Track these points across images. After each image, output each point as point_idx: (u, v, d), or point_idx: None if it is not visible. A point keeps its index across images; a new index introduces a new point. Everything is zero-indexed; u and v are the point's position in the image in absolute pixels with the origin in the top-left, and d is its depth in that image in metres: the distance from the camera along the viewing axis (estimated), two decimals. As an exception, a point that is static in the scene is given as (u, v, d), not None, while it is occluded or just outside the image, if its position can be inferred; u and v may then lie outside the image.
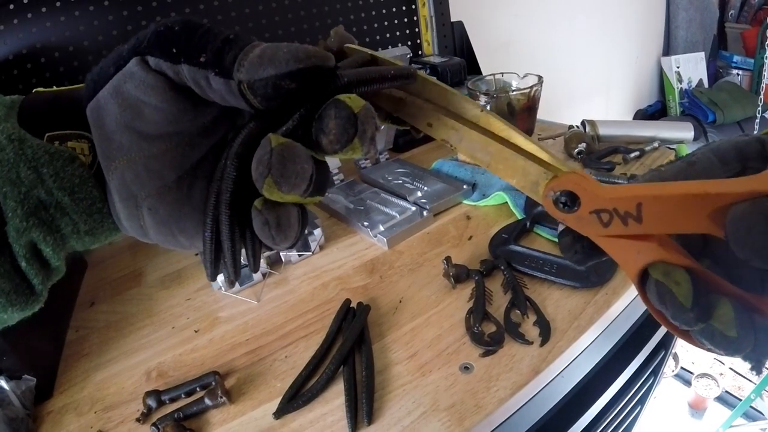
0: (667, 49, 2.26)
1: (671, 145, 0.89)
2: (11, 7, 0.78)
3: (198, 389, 0.49)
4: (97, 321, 0.64)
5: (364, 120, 0.20)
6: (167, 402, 0.49)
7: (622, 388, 0.65)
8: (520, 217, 0.69)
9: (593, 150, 0.86)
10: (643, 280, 0.20)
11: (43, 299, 0.24)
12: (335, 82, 0.21)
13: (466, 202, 0.77)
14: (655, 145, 0.85)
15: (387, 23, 1.18)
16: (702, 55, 2.21)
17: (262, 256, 0.67)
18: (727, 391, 1.53)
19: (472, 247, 0.66)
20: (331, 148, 0.21)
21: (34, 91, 0.24)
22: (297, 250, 0.69)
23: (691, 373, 1.55)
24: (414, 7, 1.21)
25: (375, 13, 1.16)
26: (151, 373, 0.54)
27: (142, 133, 0.22)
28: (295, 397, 0.46)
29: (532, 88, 0.86)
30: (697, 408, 1.53)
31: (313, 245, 0.70)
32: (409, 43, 1.23)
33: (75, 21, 0.83)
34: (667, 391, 1.59)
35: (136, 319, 0.63)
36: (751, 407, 1.41)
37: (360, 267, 0.66)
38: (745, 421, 1.45)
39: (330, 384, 0.47)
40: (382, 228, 0.71)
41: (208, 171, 0.24)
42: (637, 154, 0.82)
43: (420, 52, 1.26)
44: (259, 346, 0.55)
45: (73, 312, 0.67)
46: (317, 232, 0.70)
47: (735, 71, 2.25)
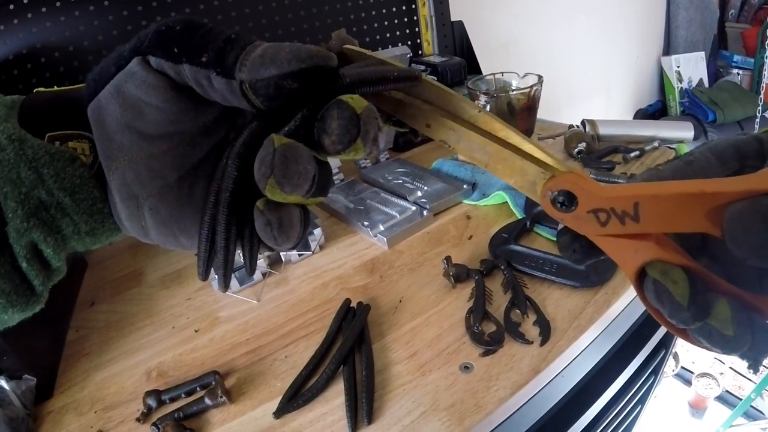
0: (668, 49, 2.26)
1: (671, 145, 0.88)
2: (11, 7, 0.78)
3: (198, 389, 0.49)
4: (98, 321, 0.64)
5: (367, 120, 0.20)
6: (167, 402, 0.49)
7: (622, 388, 0.65)
8: (520, 217, 0.69)
9: (593, 149, 0.86)
10: (640, 279, 0.20)
11: (43, 300, 0.24)
12: (337, 82, 0.21)
13: (466, 202, 0.77)
14: (655, 144, 0.85)
15: (387, 23, 1.18)
16: (702, 54, 2.22)
17: (263, 256, 0.67)
18: (727, 391, 1.52)
19: (472, 246, 0.66)
20: (333, 148, 0.21)
21: (35, 91, 0.24)
22: (297, 250, 0.69)
23: (692, 372, 1.55)
24: (414, 6, 1.21)
25: (375, 12, 1.16)
26: (151, 373, 0.54)
27: (143, 132, 0.22)
28: (295, 397, 0.46)
29: (532, 87, 0.86)
30: (697, 407, 1.53)
31: (313, 245, 0.70)
32: (409, 42, 1.23)
33: (75, 21, 0.83)
34: (667, 391, 1.59)
35: (136, 319, 0.63)
36: (752, 407, 1.41)
37: (360, 267, 0.66)
38: (745, 420, 1.45)
39: (330, 383, 0.47)
40: (382, 227, 0.71)
41: (210, 171, 0.23)
42: (637, 153, 0.82)
43: (420, 52, 1.26)
44: (259, 346, 0.55)
45: (73, 312, 0.67)
46: (317, 231, 0.70)
47: (735, 71, 2.25)
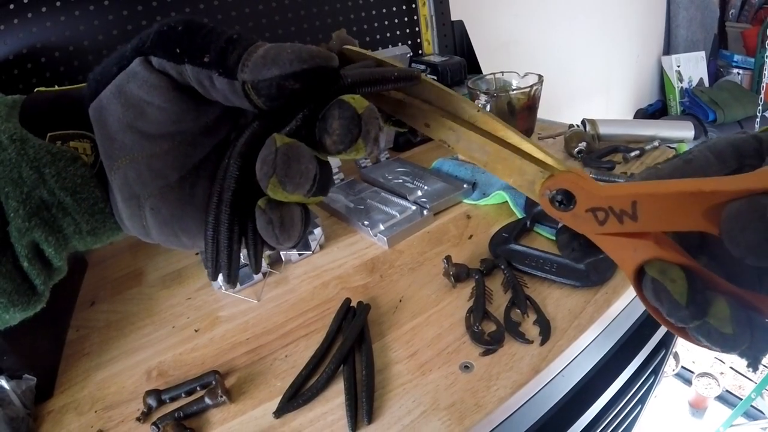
0: (668, 49, 2.26)
1: (672, 144, 0.89)
2: (11, 6, 0.78)
3: (198, 388, 0.49)
4: (98, 320, 0.64)
5: (368, 120, 0.20)
6: (167, 401, 0.49)
7: (622, 387, 0.65)
8: (520, 216, 0.69)
9: (593, 149, 0.86)
10: (639, 278, 0.20)
11: (45, 299, 0.24)
12: (339, 82, 0.21)
13: (466, 201, 0.77)
14: (656, 144, 0.85)
15: (387, 22, 1.18)
16: (702, 54, 2.22)
17: (263, 255, 0.67)
18: (727, 390, 1.52)
19: (473, 246, 0.66)
20: (334, 148, 0.21)
21: (36, 90, 0.24)
22: (297, 250, 0.69)
23: (692, 372, 1.55)
24: (414, 6, 1.21)
25: (375, 12, 1.15)
26: (151, 373, 0.54)
27: (144, 132, 0.22)
28: (296, 396, 0.46)
29: (532, 87, 0.86)
30: (697, 407, 1.53)
31: (313, 244, 0.70)
32: (410, 42, 1.23)
33: (75, 21, 0.83)
34: (667, 391, 1.59)
35: (136, 319, 0.63)
36: (752, 406, 1.41)
37: (360, 266, 0.66)
38: (745, 420, 1.44)
39: (330, 383, 0.47)
40: (382, 227, 0.71)
41: (211, 170, 0.23)
42: (637, 153, 0.82)
43: (420, 52, 1.26)
44: (260, 346, 0.55)
45: (73, 311, 0.67)
46: (317, 231, 0.70)
47: (735, 70, 2.25)
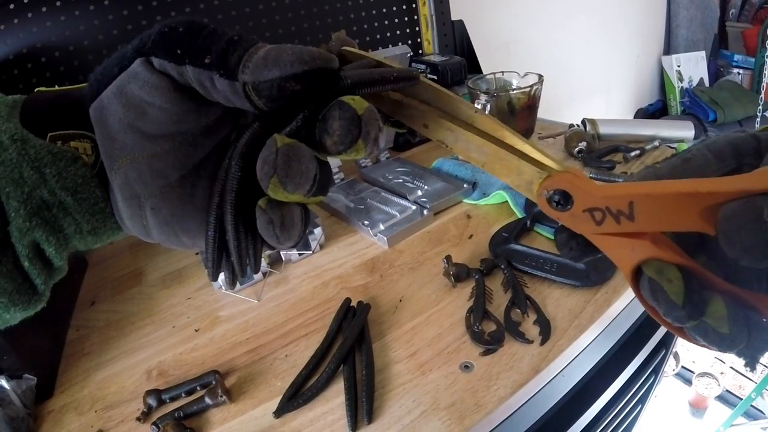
0: (668, 48, 2.26)
1: (672, 144, 0.89)
2: (12, 6, 0.78)
3: (198, 388, 0.49)
4: (98, 320, 0.64)
5: (368, 121, 0.21)
6: (167, 401, 0.49)
7: (622, 387, 0.65)
8: (520, 216, 0.69)
9: (594, 149, 0.86)
10: (637, 277, 0.20)
11: (45, 299, 0.24)
12: (339, 83, 0.22)
13: (466, 201, 0.77)
14: (656, 143, 0.85)
15: (387, 22, 1.18)
16: (703, 54, 2.21)
17: (263, 255, 0.67)
18: (727, 390, 1.52)
19: (473, 246, 0.66)
20: (335, 148, 0.21)
21: (36, 90, 0.24)
22: (297, 249, 0.69)
23: (692, 372, 1.55)
24: (414, 6, 1.20)
25: (375, 12, 1.15)
26: (151, 372, 0.54)
27: (145, 132, 0.22)
28: (296, 396, 0.46)
29: (532, 86, 0.86)
30: (697, 407, 1.53)
31: (313, 244, 0.70)
32: (410, 42, 1.23)
33: (75, 20, 0.83)
34: (667, 390, 1.59)
35: (136, 318, 0.63)
36: (752, 406, 1.41)
37: (360, 266, 0.66)
38: (745, 420, 1.44)
39: (330, 383, 0.47)
40: (382, 227, 0.71)
41: (211, 170, 0.24)
42: (637, 152, 0.82)
43: (420, 51, 1.26)
44: (260, 345, 0.55)
45: (73, 311, 0.67)
46: (318, 231, 0.70)
47: (736, 70, 2.25)
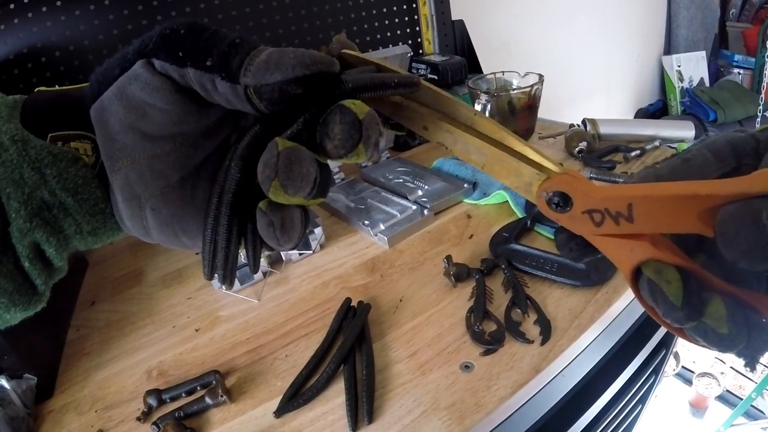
0: (668, 48, 2.26)
1: (672, 144, 0.88)
2: (12, 6, 0.78)
3: (198, 388, 0.49)
4: (98, 320, 0.64)
5: (369, 126, 0.21)
6: (168, 401, 0.49)
7: (623, 387, 0.65)
8: (520, 216, 0.69)
9: (594, 149, 0.86)
10: (636, 278, 0.20)
11: (45, 299, 0.24)
12: (340, 87, 0.22)
13: (466, 201, 0.77)
14: (656, 143, 0.85)
15: (388, 22, 1.18)
16: (703, 53, 2.21)
17: (263, 256, 0.67)
18: (728, 390, 1.52)
19: (473, 245, 0.66)
20: (335, 152, 0.21)
21: (36, 90, 0.24)
22: (298, 249, 0.69)
23: (692, 372, 1.55)
24: (415, 5, 1.20)
25: (376, 11, 1.15)
26: (151, 372, 0.54)
27: (146, 134, 0.22)
28: (296, 396, 0.46)
29: (533, 86, 0.86)
30: (698, 407, 1.53)
31: (313, 244, 0.70)
32: (410, 41, 1.23)
33: (75, 20, 0.83)
34: (668, 390, 1.59)
35: (136, 318, 0.63)
36: (752, 406, 1.41)
37: (360, 266, 0.66)
38: (746, 420, 1.44)
39: (330, 383, 0.47)
40: (382, 227, 0.71)
41: (211, 171, 0.24)
42: (638, 152, 0.82)
43: (421, 51, 1.25)
44: (260, 345, 0.55)
45: (74, 311, 0.67)
46: (318, 231, 0.70)
47: (736, 70, 2.25)
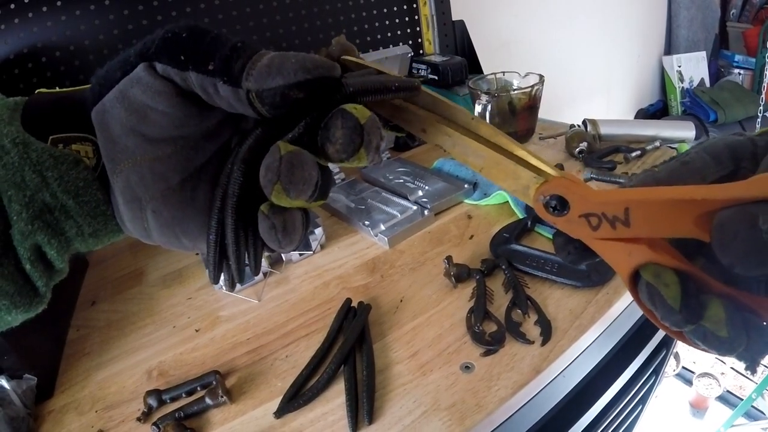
0: (669, 49, 2.26)
1: (673, 145, 0.88)
2: (12, 6, 0.78)
3: (199, 388, 0.49)
4: (98, 320, 0.64)
5: (370, 130, 0.21)
6: (168, 401, 0.49)
7: (623, 388, 0.65)
8: (521, 217, 0.69)
9: (594, 149, 0.86)
10: (635, 281, 0.20)
11: (46, 300, 0.24)
12: (341, 91, 0.22)
13: (467, 201, 0.77)
14: (657, 144, 0.85)
15: (388, 22, 1.18)
16: (703, 54, 2.21)
17: (264, 256, 0.67)
18: (728, 391, 1.52)
19: (473, 246, 0.66)
20: (337, 156, 0.21)
21: (37, 91, 0.24)
22: (298, 250, 0.69)
23: (693, 372, 1.55)
24: (415, 6, 1.20)
25: (376, 12, 1.15)
26: (152, 373, 0.54)
27: (147, 136, 0.22)
28: (296, 397, 0.46)
29: (533, 87, 0.86)
30: (698, 407, 1.53)
31: (314, 244, 0.70)
32: (410, 42, 1.23)
33: (76, 20, 0.83)
34: (668, 391, 1.59)
35: (137, 318, 0.63)
36: (753, 407, 1.41)
37: (361, 266, 0.66)
38: (746, 420, 1.45)
39: (331, 383, 0.47)
40: (383, 227, 0.71)
41: (212, 174, 0.24)
42: (638, 153, 0.82)
43: (421, 51, 1.25)
44: (260, 346, 0.55)
45: (74, 311, 0.67)
46: (318, 231, 0.70)
47: (736, 70, 2.25)
